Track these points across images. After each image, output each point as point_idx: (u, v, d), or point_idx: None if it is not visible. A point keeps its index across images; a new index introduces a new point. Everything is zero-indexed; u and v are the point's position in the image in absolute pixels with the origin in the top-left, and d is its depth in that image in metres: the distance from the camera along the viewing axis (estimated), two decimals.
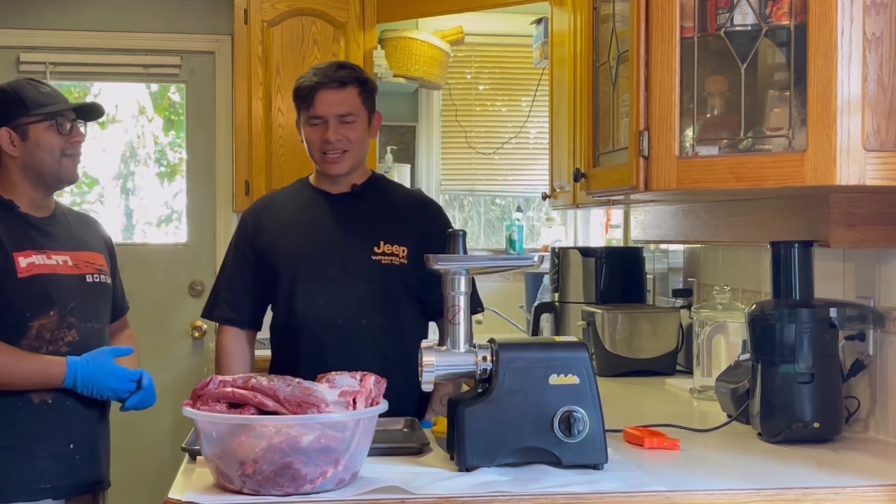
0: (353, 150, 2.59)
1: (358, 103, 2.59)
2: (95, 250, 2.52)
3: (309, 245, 2.61)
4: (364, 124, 2.61)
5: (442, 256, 1.94)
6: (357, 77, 2.62)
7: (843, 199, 2.08)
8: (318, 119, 2.58)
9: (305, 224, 2.64)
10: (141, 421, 2.63)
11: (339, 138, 2.56)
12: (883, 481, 1.81)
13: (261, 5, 4.17)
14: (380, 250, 2.56)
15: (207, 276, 4.65)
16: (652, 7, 1.97)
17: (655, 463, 1.96)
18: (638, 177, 2.01)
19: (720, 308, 2.74)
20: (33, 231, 2.40)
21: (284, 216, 2.67)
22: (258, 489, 1.68)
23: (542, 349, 1.91)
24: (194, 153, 4.70)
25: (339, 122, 2.57)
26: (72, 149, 2.44)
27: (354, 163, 2.61)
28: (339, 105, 2.57)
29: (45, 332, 2.33)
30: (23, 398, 2.30)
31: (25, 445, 2.31)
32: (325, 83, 2.57)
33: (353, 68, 2.67)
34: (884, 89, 1.81)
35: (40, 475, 2.31)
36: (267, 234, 2.65)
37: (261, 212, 2.72)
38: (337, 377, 1.81)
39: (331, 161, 2.58)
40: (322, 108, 2.57)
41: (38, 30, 4.51)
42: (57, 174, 2.44)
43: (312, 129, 2.59)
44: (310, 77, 2.61)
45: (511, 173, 4.87)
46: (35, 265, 2.34)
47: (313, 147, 2.60)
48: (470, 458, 1.83)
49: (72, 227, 2.51)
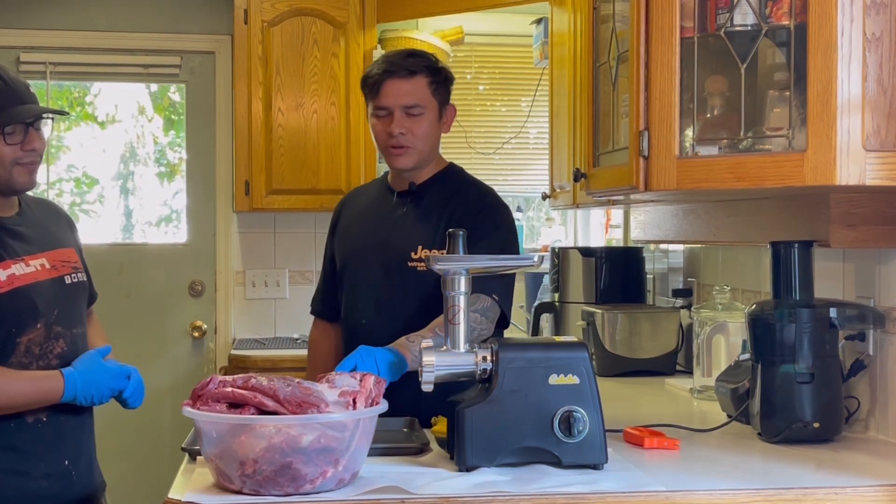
0: (418, 144, 2.46)
1: (427, 94, 2.46)
2: (68, 245, 2.34)
3: (359, 246, 2.56)
4: (433, 117, 2.49)
5: (442, 256, 1.94)
6: (428, 66, 2.48)
7: (843, 199, 2.08)
8: (384, 110, 2.46)
9: (363, 223, 2.59)
10: (141, 421, 2.62)
11: (404, 131, 2.44)
12: (883, 481, 1.81)
13: (261, 5, 4.17)
14: (416, 256, 2.46)
15: (207, 276, 4.66)
16: (652, 7, 1.97)
17: (655, 463, 1.96)
18: (638, 177, 2.01)
19: (720, 308, 2.74)
20: (5, 236, 2.19)
21: (355, 211, 2.64)
22: (258, 489, 1.68)
23: (542, 349, 1.91)
24: (194, 153, 4.70)
25: (406, 114, 2.44)
26: (26, 157, 2.17)
27: (420, 158, 2.49)
28: (406, 95, 2.44)
29: (33, 347, 2.17)
30: (17, 419, 2.16)
31: (22, 467, 2.18)
32: (394, 72, 2.45)
33: (425, 56, 2.53)
34: (884, 89, 1.81)
35: (38, 496, 2.20)
36: (339, 229, 2.65)
37: (343, 204, 2.71)
38: (337, 377, 1.81)
39: (394, 155, 2.47)
40: (388, 99, 2.45)
41: (38, 30, 4.51)
42: (7, 184, 2.18)
43: (378, 120, 2.48)
44: (378, 65, 2.49)
45: (511, 173, 4.87)
46: (15, 276, 2.16)
47: (379, 140, 2.50)
48: (470, 458, 1.83)
49: (40, 220, 2.31)
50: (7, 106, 2.14)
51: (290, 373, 2.71)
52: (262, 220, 4.60)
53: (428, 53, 2.59)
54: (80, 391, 2.16)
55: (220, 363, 4.52)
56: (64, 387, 2.14)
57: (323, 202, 4.14)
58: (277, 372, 3.19)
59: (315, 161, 4.19)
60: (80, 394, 2.16)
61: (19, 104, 2.17)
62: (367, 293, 2.53)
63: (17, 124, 2.15)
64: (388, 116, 2.46)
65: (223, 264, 4.62)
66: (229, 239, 4.62)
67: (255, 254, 4.64)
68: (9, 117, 2.14)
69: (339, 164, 4.21)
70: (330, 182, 4.20)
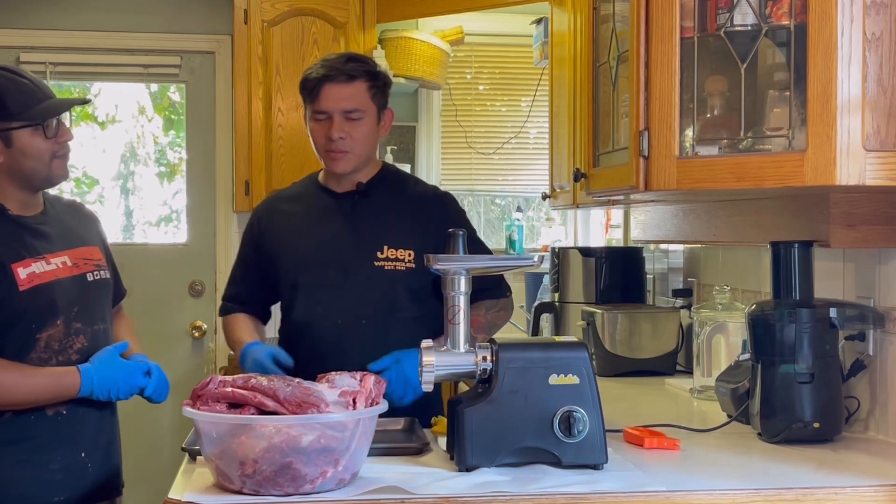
0: (356, 149, 2.47)
1: (366, 99, 2.47)
2: (91, 244, 2.40)
3: (311, 250, 2.53)
4: (372, 121, 2.49)
5: (441, 256, 1.94)
6: (367, 71, 2.48)
7: (843, 199, 2.08)
8: (323, 114, 2.46)
9: (309, 227, 2.56)
10: (141, 421, 2.62)
11: (343, 136, 2.45)
12: (883, 481, 1.81)
13: (261, 5, 4.17)
14: (383, 255, 2.46)
15: (207, 275, 4.66)
16: (652, 7, 1.97)
17: (655, 463, 1.96)
18: (638, 177, 2.01)
19: (720, 308, 2.74)
20: (28, 235, 2.26)
21: (290, 218, 2.59)
22: (258, 489, 1.68)
23: (542, 349, 1.91)
24: (194, 153, 4.70)
25: (345, 119, 2.45)
26: (61, 150, 2.28)
27: (359, 162, 2.50)
28: (346, 100, 2.44)
29: (53, 343, 2.23)
30: (36, 412, 2.21)
31: (39, 458, 2.23)
32: (333, 76, 2.44)
33: (364, 61, 2.54)
34: (884, 89, 1.81)
35: (54, 487, 2.24)
36: (272, 238, 2.59)
37: (268, 213, 2.64)
38: (337, 377, 1.81)
39: (333, 159, 2.48)
40: (327, 103, 2.45)
41: (38, 30, 4.51)
42: (47, 177, 2.28)
43: (317, 124, 2.48)
44: (317, 69, 2.48)
45: (511, 173, 4.87)
46: (35, 275, 2.22)
47: (317, 143, 2.50)
48: (470, 458, 1.83)
49: (64, 220, 2.38)
50: (38, 102, 2.24)
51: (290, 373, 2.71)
52: None
53: (367, 58, 2.61)
54: (97, 386, 2.22)
55: (220, 363, 4.52)
56: (80, 382, 2.20)
57: None
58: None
59: (315, 161, 4.14)
60: (96, 389, 2.22)
61: (48, 99, 2.26)
62: (330, 296, 2.49)
63: (51, 118, 2.24)
64: (328, 120, 2.46)
65: (223, 264, 4.62)
66: (229, 239, 4.62)
67: None
68: (45, 111, 2.23)
69: None
70: None
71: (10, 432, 2.21)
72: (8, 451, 2.21)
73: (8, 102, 2.20)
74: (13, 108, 2.20)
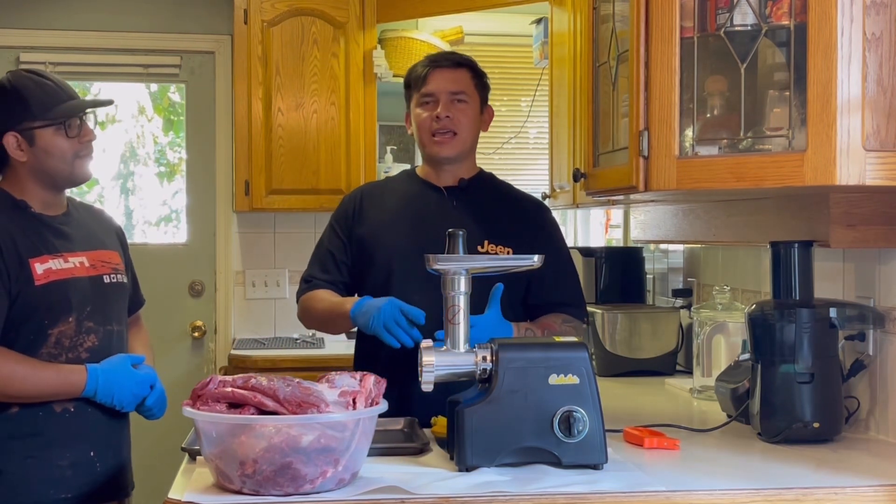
0: (462, 132, 2.50)
1: (471, 86, 2.53)
2: (111, 248, 2.43)
3: (410, 240, 2.48)
4: (476, 110, 2.54)
5: (442, 256, 1.94)
6: (471, 64, 2.57)
7: (843, 199, 2.08)
8: (430, 97, 2.51)
9: (409, 217, 2.54)
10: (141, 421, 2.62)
11: (450, 115, 2.48)
12: (883, 481, 1.81)
13: (261, 5, 4.18)
14: (483, 250, 2.46)
15: (207, 275, 4.66)
16: (652, 7, 1.97)
17: (655, 463, 1.96)
18: (638, 177, 2.01)
19: (720, 308, 2.74)
20: (48, 233, 2.30)
21: (388, 206, 2.58)
22: (258, 489, 1.68)
23: (542, 349, 1.91)
24: (194, 153, 4.70)
25: (452, 101, 2.50)
26: (84, 149, 2.32)
27: (463, 149, 2.52)
28: (452, 83, 2.51)
29: (63, 339, 2.26)
30: (45, 407, 2.24)
31: (48, 454, 2.25)
32: (440, 62, 2.53)
33: (468, 58, 2.62)
34: (884, 89, 1.81)
35: (62, 484, 2.26)
36: (368, 222, 2.56)
37: (365, 197, 2.62)
38: (337, 377, 1.81)
39: (439, 143, 2.49)
40: (436, 84, 2.50)
41: (38, 30, 4.51)
42: (70, 177, 2.33)
43: (423, 108, 2.52)
44: (422, 63, 2.56)
45: (511, 173, 4.86)
46: (52, 271, 2.25)
47: (422, 128, 2.52)
48: (470, 458, 1.83)
49: (86, 223, 2.42)
50: (60, 102, 2.29)
51: (290, 373, 2.71)
52: (261, 220, 4.60)
53: None
54: (101, 387, 2.25)
55: (220, 363, 4.52)
56: (86, 381, 2.24)
57: (323, 202, 4.14)
58: (277, 372, 3.19)
59: (315, 161, 4.19)
60: (99, 390, 2.25)
61: (70, 100, 2.32)
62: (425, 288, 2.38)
63: (74, 118, 2.29)
64: (434, 103, 2.51)
65: (223, 264, 4.62)
66: (229, 239, 4.62)
67: (255, 254, 4.63)
68: (66, 111, 2.28)
69: (339, 164, 4.21)
70: (330, 182, 4.20)
71: (18, 427, 2.24)
72: (17, 447, 2.24)
73: (31, 103, 2.27)
74: (36, 108, 2.26)
